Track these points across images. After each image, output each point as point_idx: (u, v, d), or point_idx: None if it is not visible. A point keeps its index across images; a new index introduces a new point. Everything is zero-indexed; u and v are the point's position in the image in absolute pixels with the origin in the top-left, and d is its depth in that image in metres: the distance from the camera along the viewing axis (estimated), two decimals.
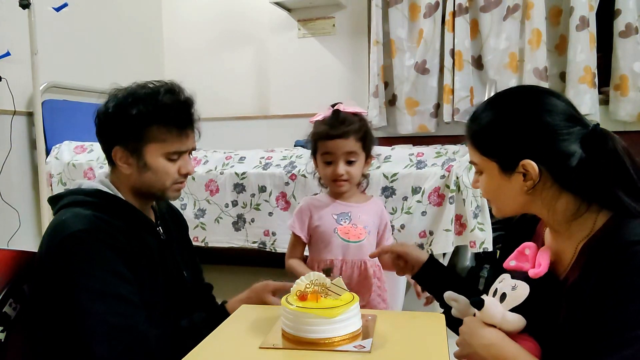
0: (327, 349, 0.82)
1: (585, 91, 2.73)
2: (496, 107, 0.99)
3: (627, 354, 0.78)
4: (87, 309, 1.04)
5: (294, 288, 0.90)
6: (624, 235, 0.85)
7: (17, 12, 2.44)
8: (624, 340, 0.79)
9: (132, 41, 3.50)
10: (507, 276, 0.95)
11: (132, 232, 1.15)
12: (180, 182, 1.22)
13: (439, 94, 3.11)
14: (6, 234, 2.56)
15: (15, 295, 1.14)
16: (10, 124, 2.59)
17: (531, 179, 0.92)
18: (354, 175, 1.37)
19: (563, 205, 0.93)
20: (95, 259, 1.06)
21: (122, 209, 1.17)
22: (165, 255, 1.22)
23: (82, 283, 1.05)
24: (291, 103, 3.51)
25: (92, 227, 1.08)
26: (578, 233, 0.93)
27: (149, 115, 1.14)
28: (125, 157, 1.17)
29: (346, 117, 1.35)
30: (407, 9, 3.12)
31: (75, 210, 1.12)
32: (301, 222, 1.42)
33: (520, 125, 0.93)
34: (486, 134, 0.97)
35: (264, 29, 3.58)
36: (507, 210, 1.00)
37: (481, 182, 1.00)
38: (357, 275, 1.37)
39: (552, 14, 2.91)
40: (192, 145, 1.23)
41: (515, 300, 0.90)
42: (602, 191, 0.90)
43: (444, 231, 1.97)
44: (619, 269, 0.82)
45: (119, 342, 1.04)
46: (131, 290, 1.09)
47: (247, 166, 2.32)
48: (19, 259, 1.17)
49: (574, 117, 0.92)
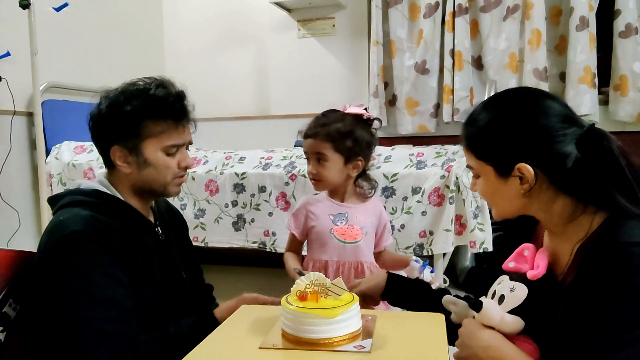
0: (327, 349, 0.82)
1: (585, 91, 2.73)
2: (491, 111, 0.98)
3: (624, 355, 0.79)
4: (79, 312, 1.04)
5: (294, 288, 0.89)
6: (618, 237, 0.85)
7: (17, 12, 2.43)
8: (621, 341, 0.79)
9: (132, 41, 3.50)
10: (505, 278, 0.95)
11: (130, 233, 1.14)
12: (180, 177, 1.22)
13: (438, 94, 3.11)
14: (6, 234, 2.56)
15: (15, 295, 1.14)
16: (10, 124, 2.59)
17: (527, 182, 0.91)
18: (325, 175, 1.38)
19: (560, 208, 0.93)
20: (90, 261, 1.06)
21: (120, 209, 1.17)
22: (164, 256, 1.22)
23: (76, 286, 1.04)
24: (291, 103, 3.51)
25: (90, 229, 1.08)
26: (575, 235, 0.93)
27: (143, 111, 1.14)
28: (124, 156, 1.17)
29: (330, 118, 1.37)
30: (407, 9, 3.12)
31: (74, 210, 1.12)
32: (298, 221, 1.44)
33: (515, 129, 0.93)
34: (481, 138, 0.97)
35: (264, 29, 3.58)
36: (506, 212, 1.00)
37: (478, 185, 1.00)
38: (354, 276, 1.37)
39: (552, 14, 2.91)
40: (189, 138, 1.24)
41: (513, 302, 0.90)
42: (598, 192, 0.90)
43: (444, 231, 1.97)
44: (614, 270, 0.82)
45: (108, 348, 1.04)
46: (125, 293, 1.09)
47: (247, 166, 2.32)
48: (19, 259, 1.17)
49: (570, 118, 0.92)
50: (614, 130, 2.73)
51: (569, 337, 0.86)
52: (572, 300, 0.87)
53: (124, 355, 1.05)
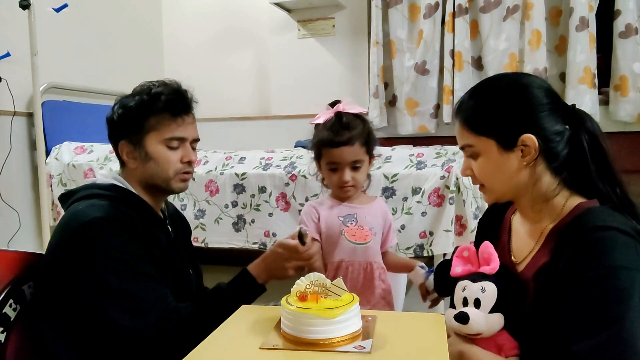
0: (327, 350, 0.81)
1: (585, 92, 2.73)
2: (487, 89, 1.01)
3: (603, 336, 0.79)
4: (114, 287, 1.05)
5: (294, 288, 0.90)
6: (592, 221, 0.87)
7: (17, 13, 2.44)
8: (598, 321, 0.80)
9: (132, 42, 3.50)
10: (467, 282, 0.96)
11: (145, 226, 1.17)
12: (184, 172, 1.24)
13: (438, 95, 3.11)
14: (6, 235, 2.56)
15: (15, 296, 1.14)
16: (10, 125, 2.59)
17: (529, 153, 0.93)
18: (360, 180, 1.37)
19: (545, 185, 0.97)
20: (116, 242, 1.08)
21: (135, 203, 1.19)
22: (173, 253, 1.24)
23: (105, 264, 1.06)
24: (291, 104, 3.51)
25: (111, 216, 1.11)
26: (546, 217, 0.96)
27: (144, 105, 1.20)
28: (130, 151, 1.22)
29: (349, 121, 1.33)
30: (407, 9, 3.12)
31: (91, 201, 1.14)
32: (311, 222, 1.40)
33: (517, 102, 0.95)
34: (482, 112, 0.97)
35: (264, 29, 3.58)
36: (502, 191, 1.00)
37: (476, 166, 1.00)
38: (363, 277, 1.36)
39: (552, 14, 2.91)
40: (192, 133, 1.26)
41: (490, 302, 0.92)
42: (580, 173, 0.94)
43: (444, 232, 1.97)
44: (589, 252, 0.84)
45: (149, 314, 1.05)
46: (153, 269, 1.11)
47: (247, 167, 2.32)
48: (19, 259, 1.17)
49: (557, 95, 0.97)
50: (614, 130, 2.73)
51: (543, 319, 0.88)
52: (547, 281, 0.89)
53: (167, 319, 1.06)
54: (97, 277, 1.05)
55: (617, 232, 0.84)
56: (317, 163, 1.41)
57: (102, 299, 1.05)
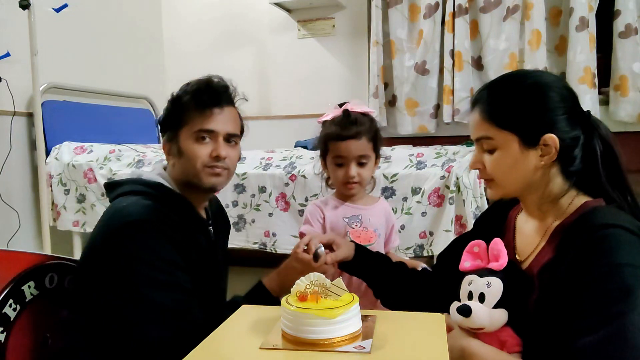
0: (327, 350, 0.81)
1: (585, 92, 2.72)
2: (514, 84, 0.99)
3: (604, 332, 0.79)
4: (143, 294, 1.06)
5: (294, 289, 0.90)
6: (597, 218, 0.88)
7: (17, 13, 2.43)
8: (601, 318, 0.80)
9: (133, 42, 3.49)
10: (474, 277, 0.96)
11: (187, 228, 1.17)
12: (213, 166, 1.21)
13: (438, 95, 3.11)
14: (6, 235, 2.56)
15: (15, 296, 1.14)
16: (10, 125, 2.59)
17: (548, 154, 0.93)
18: (365, 177, 1.36)
19: (556, 187, 0.97)
20: (154, 247, 1.09)
21: (179, 204, 1.19)
22: (212, 258, 1.24)
23: (140, 270, 1.07)
24: (291, 104, 3.50)
25: (152, 218, 1.11)
26: (553, 215, 0.96)
27: (176, 101, 1.23)
28: (169, 148, 1.25)
29: (357, 117, 1.34)
30: (407, 9, 3.12)
31: (135, 199, 1.15)
32: (316, 222, 1.39)
33: (544, 100, 0.94)
34: (507, 107, 0.96)
35: (264, 29, 3.58)
36: (512, 187, 1.00)
37: (490, 159, 0.98)
38: None
39: (552, 14, 2.91)
40: (224, 127, 1.23)
41: (494, 297, 0.92)
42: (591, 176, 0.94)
43: (444, 232, 1.97)
44: (593, 249, 0.84)
45: (171, 326, 1.06)
46: (186, 278, 1.12)
47: (247, 167, 2.33)
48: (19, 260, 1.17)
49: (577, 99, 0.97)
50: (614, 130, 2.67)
51: (546, 317, 0.88)
52: (551, 279, 0.89)
53: (187, 333, 1.06)
54: (129, 280, 1.06)
55: (622, 230, 0.84)
56: (323, 161, 1.41)
57: (128, 304, 1.06)
